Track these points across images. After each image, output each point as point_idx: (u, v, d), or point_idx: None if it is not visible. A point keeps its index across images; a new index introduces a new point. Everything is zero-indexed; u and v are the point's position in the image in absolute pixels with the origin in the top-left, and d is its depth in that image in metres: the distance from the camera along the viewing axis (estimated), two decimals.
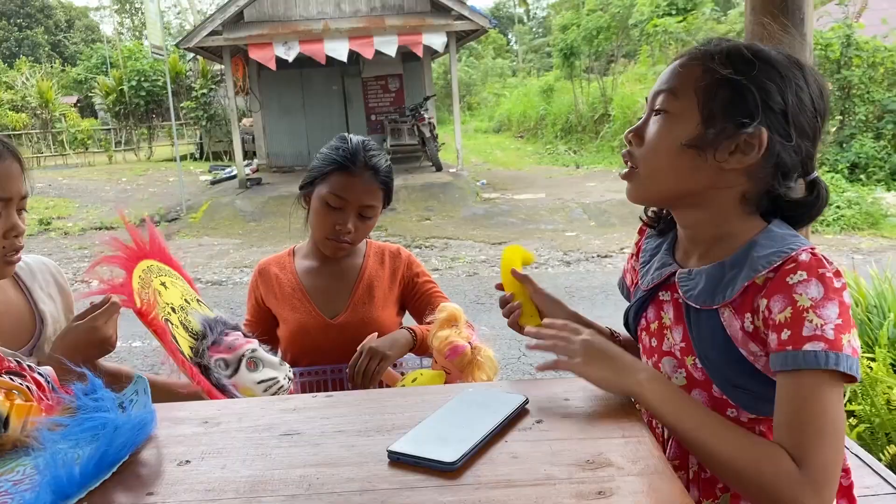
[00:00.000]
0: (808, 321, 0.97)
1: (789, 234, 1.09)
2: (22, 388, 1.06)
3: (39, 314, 1.49)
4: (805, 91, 1.07)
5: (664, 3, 16.89)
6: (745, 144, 1.06)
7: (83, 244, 10.24)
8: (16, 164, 1.33)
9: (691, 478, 1.17)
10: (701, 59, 1.10)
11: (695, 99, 1.08)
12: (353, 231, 1.79)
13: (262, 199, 12.02)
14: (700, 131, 1.07)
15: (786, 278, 1.01)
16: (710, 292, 1.10)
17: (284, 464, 0.94)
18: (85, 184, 15.85)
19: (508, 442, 0.96)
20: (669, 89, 1.11)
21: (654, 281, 1.22)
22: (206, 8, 45.14)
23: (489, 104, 28.58)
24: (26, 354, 1.39)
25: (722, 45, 1.10)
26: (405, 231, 9.85)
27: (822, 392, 0.96)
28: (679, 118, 1.09)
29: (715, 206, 1.12)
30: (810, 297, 0.98)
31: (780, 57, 1.09)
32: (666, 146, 1.10)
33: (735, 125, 1.05)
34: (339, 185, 1.77)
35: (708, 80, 1.07)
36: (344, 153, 1.79)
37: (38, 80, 23.44)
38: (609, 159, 15.46)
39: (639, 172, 1.15)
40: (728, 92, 1.06)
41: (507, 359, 4.76)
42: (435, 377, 1.61)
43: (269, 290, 1.92)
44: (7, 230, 1.32)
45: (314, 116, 15.43)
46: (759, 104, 1.04)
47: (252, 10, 13.23)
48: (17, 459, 0.96)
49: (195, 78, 20.16)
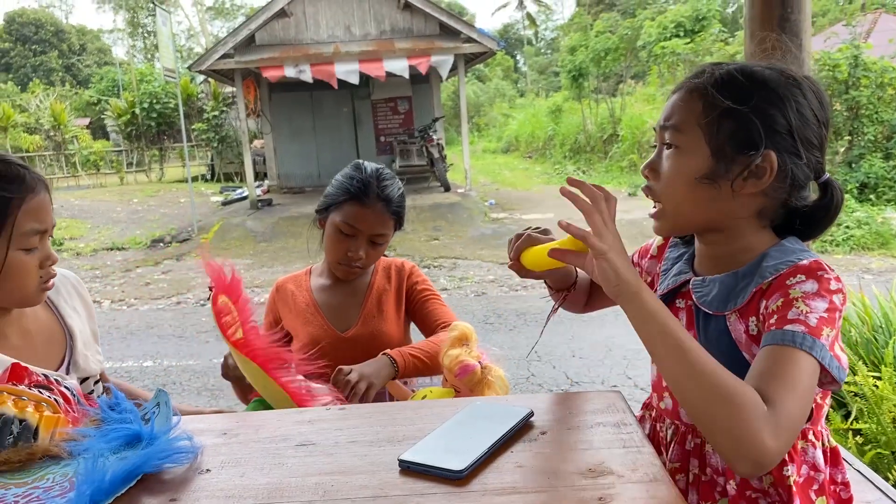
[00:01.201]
0: (795, 307, 1.03)
1: (800, 248, 1.14)
2: (50, 400, 1.11)
3: (69, 330, 1.53)
4: (805, 105, 1.11)
5: (671, 25, 17.02)
6: (756, 169, 1.09)
7: (94, 265, 10.34)
8: (48, 195, 1.38)
9: (691, 481, 1.21)
10: (699, 91, 1.13)
11: (700, 133, 1.12)
12: (364, 257, 1.86)
13: (273, 220, 12.12)
14: (711, 164, 1.11)
15: (785, 280, 1.07)
16: (723, 299, 1.15)
17: (300, 472, 0.98)
18: (97, 205, 16.01)
19: (514, 452, 1.01)
20: (674, 126, 1.15)
21: (669, 286, 1.27)
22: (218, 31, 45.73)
23: (498, 124, 28.74)
24: (64, 372, 1.45)
25: (717, 74, 1.13)
26: (414, 251, 9.90)
27: (796, 363, 0.98)
28: (689, 153, 1.13)
29: (734, 227, 1.17)
30: (803, 290, 1.05)
31: (774, 76, 1.12)
32: (682, 181, 1.14)
33: (744, 153, 1.09)
34: (352, 215, 1.83)
35: (709, 113, 1.11)
36: (358, 184, 1.84)
37: (51, 102, 23.75)
38: (618, 179, 15.52)
39: (665, 210, 1.19)
40: (731, 123, 1.10)
41: (516, 378, 4.80)
42: (444, 395, 1.63)
43: (284, 305, 1.98)
44: (43, 260, 1.37)
45: (324, 138, 15.58)
46: (762, 130, 1.08)
47: (263, 34, 13.42)
48: (48, 468, 1.01)
49: (207, 100, 20.39)
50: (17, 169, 1.34)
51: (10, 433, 1.03)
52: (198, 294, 8.17)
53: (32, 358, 1.39)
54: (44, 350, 1.46)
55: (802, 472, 1.15)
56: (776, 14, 1.99)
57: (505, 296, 7.31)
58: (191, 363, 5.50)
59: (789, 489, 1.12)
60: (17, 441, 1.03)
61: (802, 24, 1.98)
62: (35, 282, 1.37)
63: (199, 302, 7.76)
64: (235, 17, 48.07)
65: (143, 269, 10.00)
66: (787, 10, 1.98)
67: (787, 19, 1.97)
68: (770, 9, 2.01)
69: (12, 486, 0.97)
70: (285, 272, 2.00)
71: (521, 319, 6.26)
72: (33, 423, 1.05)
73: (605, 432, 1.06)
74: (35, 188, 1.35)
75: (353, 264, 1.86)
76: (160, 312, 7.48)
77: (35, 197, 1.34)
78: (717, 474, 1.19)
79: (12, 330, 1.41)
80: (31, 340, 1.44)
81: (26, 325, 1.44)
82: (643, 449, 1.00)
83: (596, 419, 1.11)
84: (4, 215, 1.30)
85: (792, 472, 1.13)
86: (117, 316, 7.29)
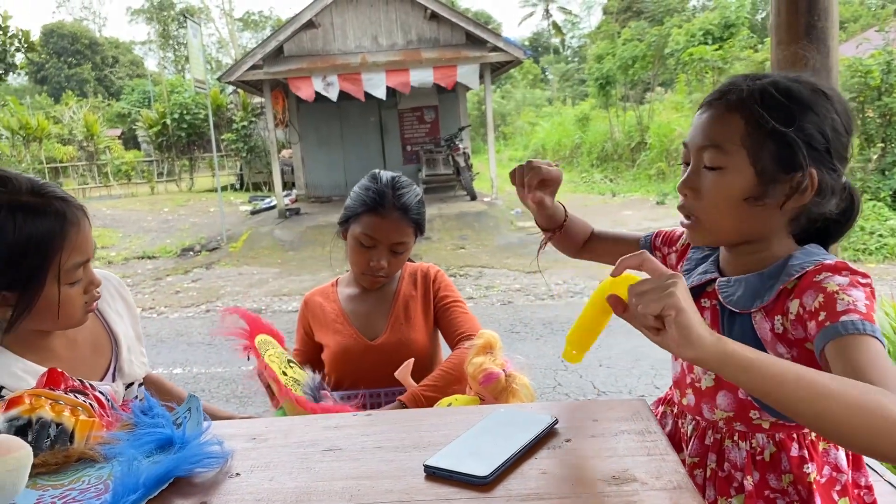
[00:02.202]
0: (840, 299, 1.03)
1: (823, 252, 1.16)
2: (85, 404, 1.14)
3: (114, 336, 1.54)
4: (837, 120, 1.12)
5: (699, 32, 16.91)
6: (798, 187, 1.11)
7: (126, 273, 10.50)
8: (87, 222, 1.37)
9: (708, 476, 1.22)
10: (738, 108, 1.13)
11: (744, 153, 1.12)
12: (386, 266, 1.88)
13: (301, 229, 12.22)
14: (756, 184, 1.12)
15: (812, 278, 1.08)
16: (749, 298, 1.16)
17: (328, 477, 1.00)
18: (128, 214, 16.28)
19: (538, 458, 1.02)
20: (716, 145, 1.14)
21: (693, 283, 1.27)
22: (247, 43, 46.29)
23: (524, 133, 28.72)
24: (110, 380, 1.47)
25: (754, 89, 1.13)
26: (440, 259, 9.93)
27: (870, 346, 0.95)
28: (732, 173, 1.13)
29: (767, 237, 1.19)
30: (837, 283, 1.05)
31: (808, 93, 1.12)
32: (727, 202, 1.15)
33: (788, 174, 1.11)
34: (370, 226, 1.85)
35: (753, 133, 1.11)
36: (373, 195, 1.86)
37: (84, 114, 24.20)
38: (646, 187, 15.43)
39: (701, 223, 1.20)
40: (775, 144, 1.10)
41: (542, 387, 4.78)
42: (469, 403, 1.64)
43: (314, 317, 2.01)
44: (87, 285, 1.39)
45: (351, 147, 15.70)
46: (805, 151, 1.09)
47: (292, 45, 13.57)
48: (83, 470, 1.04)
49: (236, 111, 20.64)
50: (57, 204, 1.31)
51: (47, 436, 1.06)
52: (226, 302, 8.27)
53: (80, 368, 1.40)
54: (91, 360, 1.48)
55: (825, 472, 1.15)
56: (803, 21, 1.98)
57: (531, 305, 7.29)
58: (219, 371, 5.56)
59: (809, 487, 1.12)
60: (54, 444, 1.06)
61: (830, 30, 1.97)
62: (81, 308, 1.39)
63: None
64: (264, 28, 48.67)
65: (173, 277, 10.14)
66: (814, 17, 1.97)
67: (813, 26, 1.96)
68: (797, 16, 2.00)
69: (49, 488, 1.00)
70: (313, 280, 2.04)
71: (548, 328, 6.24)
72: (69, 427, 1.08)
73: (629, 440, 1.06)
74: (76, 222, 1.33)
75: (376, 274, 1.88)
76: (190, 320, 7.57)
77: (77, 232, 1.33)
78: (735, 469, 1.20)
79: (60, 342, 1.43)
80: (78, 351, 1.46)
81: (73, 336, 1.46)
82: (667, 457, 1.00)
83: (620, 427, 1.11)
84: (49, 256, 1.28)
85: (812, 470, 1.13)
86: (148, 324, 7.39)
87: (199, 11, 46.95)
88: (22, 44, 9.59)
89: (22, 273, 1.27)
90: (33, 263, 1.27)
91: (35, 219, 1.27)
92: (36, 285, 1.29)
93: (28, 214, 1.26)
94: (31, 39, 9.79)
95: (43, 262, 1.28)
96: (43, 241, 1.28)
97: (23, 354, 1.35)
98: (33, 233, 1.26)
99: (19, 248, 1.26)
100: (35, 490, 0.99)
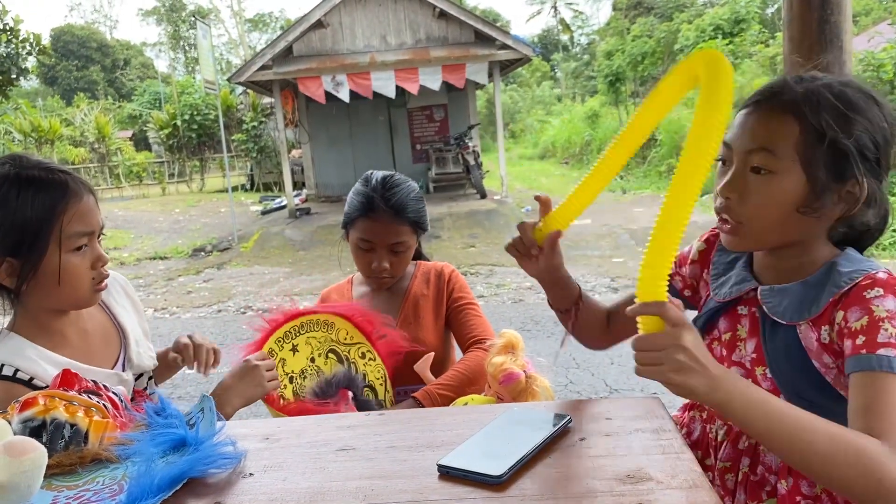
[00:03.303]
0: (884, 329, 1.02)
1: (864, 258, 1.15)
2: (99, 405, 1.14)
3: (121, 328, 1.57)
4: (887, 129, 1.10)
5: (709, 27, 16.84)
6: (847, 196, 1.10)
7: (138, 274, 10.55)
8: (92, 198, 1.42)
9: (739, 480, 1.20)
10: (793, 111, 1.09)
11: (797, 159, 1.08)
12: (388, 267, 1.86)
13: (311, 229, 12.25)
14: (807, 191, 1.09)
15: (863, 293, 1.06)
16: (796, 309, 1.14)
17: (341, 476, 1.00)
18: (139, 215, 16.36)
19: (552, 457, 1.01)
20: (767, 148, 1.10)
21: (731, 295, 1.25)
22: (257, 43, 46.44)
23: (533, 131, 28.69)
24: (120, 370, 1.50)
25: (809, 95, 1.09)
26: (450, 258, 9.92)
27: (893, 390, 0.99)
28: (784, 179, 1.09)
29: (808, 243, 1.17)
30: (887, 308, 1.03)
31: (860, 98, 1.10)
32: (777, 208, 1.11)
33: (839, 182, 1.09)
34: (365, 230, 1.85)
35: (808, 139, 1.07)
36: (364, 198, 1.85)
37: (95, 115, 24.34)
38: (657, 184, 15.37)
39: (745, 228, 1.15)
40: (830, 151, 1.07)
41: (554, 385, 4.74)
42: (485, 402, 1.63)
43: None
44: (94, 261, 1.42)
45: (361, 147, 15.71)
46: (858, 160, 1.07)
47: (301, 45, 13.59)
48: (97, 471, 1.04)
49: (246, 111, 20.71)
50: (59, 175, 1.37)
51: (61, 437, 1.06)
52: (238, 302, 8.29)
53: (91, 357, 1.44)
54: (101, 349, 1.50)
55: None
56: (815, 16, 1.96)
57: (542, 303, 7.24)
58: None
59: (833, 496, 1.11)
60: (69, 445, 1.07)
61: (843, 25, 1.95)
62: (88, 282, 1.41)
63: (239, 310, 7.87)
64: (274, 29, 48.79)
65: (184, 277, 10.18)
66: (827, 11, 1.95)
67: (826, 21, 1.94)
68: (809, 11, 1.99)
69: (64, 489, 1.00)
70: (324, 280, 2.05)
71: (559, 326, 6.17)
72: (83, 428, 1.08)
73: (643, 438, 1.05)
74: (78, 192, 1.38)
75: (380, 275, 1.88)
76: (201, 320, 7.60)
77: (79, 201, 1.38)
78: (769, 472, 1.18)
79: (72, 331, 1.45)
80: (89, 340, 1.48)
81: (83, 326, 1.49)
82: (682, 455, 0.99)
83: (635, 425, 1.11)
84: (51, 221, 1.34)
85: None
86: (160, 324, 7.42)
87: (210, 13, 47.15)
88: (34, 48, 9.64)
89: (26, 238, 1.33)
90: (35, 228, 1.33)
91: (39, 187, 1.34)
92: (38, 250, 1.33)
93: (31, 183, 1.34)
94: (43, 43, 9.82)
95: (44, 225, 1.34)
96: (45, 206, 1.34)
97: (34, 340, 1.38)
98: (36, 200, 1.33)
99: (22, 215, 1.32)
100: (50, 491, 0.99)
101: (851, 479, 0.94)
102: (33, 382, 1.31)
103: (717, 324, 1.28)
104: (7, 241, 1.32)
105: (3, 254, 1.32)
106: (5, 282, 1.35)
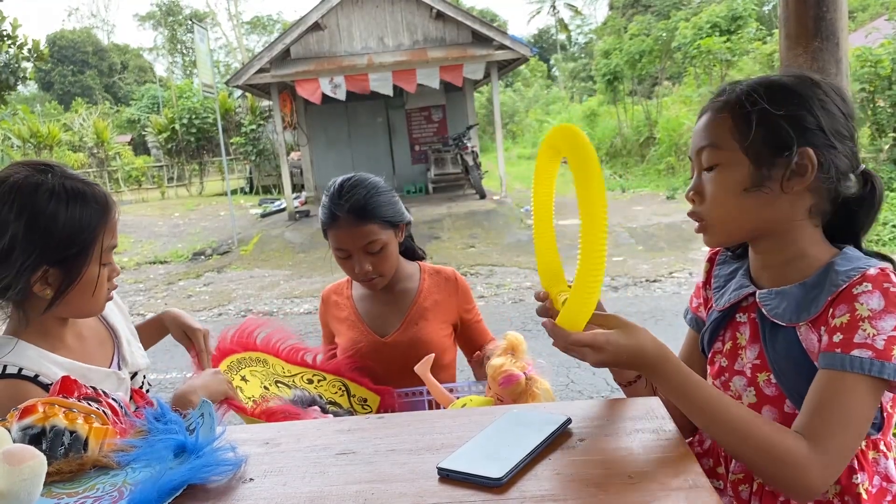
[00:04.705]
0: (862, 329, 1.04)
1: (863, 256, 1.15)
2: (99, 412, 1.14)
3: (112, 329, 1.61)
4: (828, 101, 1.14)
5: (707, 25, 16.82)
6: (798, 167, 1.12)
7: (138, 278, 10.55)
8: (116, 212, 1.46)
9: (754, 490, 1.20)
10: (727, 107, 1.17)
11: (736, 145, 1.15)
12: (371, 268, 1.85)
13: (311, 231, 12.25)
14: (753, 172, 1.14)
15: (853, 288, 1.08)
16: (794, 310, 1.15)
17: (341, 480, 1.00)
18: (139, 219, 16.36)
19: (552, 459, 1.01)
20: (710, 144, 1.18)
21: (731, 300, 1.26)
22: (254, 46, 46.45)
23: (532, 130, 28.68)
24: (116, 369, 1.53)
25: (738, 90, 1.17)
26: (450, 259, 9.92)
27: (857, 392, 1.03)
28: (730, 167, 1.16)
29: (787, 230, 1.18)
30: (870, 307, 1.05)
31: (793, 80, 1.17)
32: (729, 196, 1.17)
33: (781, 155, 1.12)
34: (335, 239, 1.86)
35: (740, 125, 1.15)
36: (325, 209, 1.86)
37: (94, 120, 24.33)
38: (656, 182, 15.38)
39: (711, 224, 1.21)
40: (763, 129, 1.13)
41: (555, 385, 4.75)
42: (484, 404, 1.62)
43: (329, 312, 2.05)
44: (111, 272, 1.46)
45: (360, 148, 15.72)
46: (792, 130, 1.11)
47: (298, 48, 13.60)
48: (97, 478, 1.04)
49: (244, 114, 20.73)
50: (98, 189, 1.42)
51: (61, 444, 1.06)
52: (238, 305, 8.29)
53: (89, 357, 1.48)
54: (97, 350, 1.53)
55: (875, 482, 1.13)
56: (811, 13, 1.97)
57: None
58: None
59: (858, 498, 1.10)
60: (68, 452, 1.06)
61: (838, 22, 1.95)
62: (105, 294, 1.45)
63: (239, 313, 7.88)
64: (271, 32, 48.78)
65: (185, 281, 10.18)
66: (823, 8, 1.95)
67: (822, 18, 1.94)
68: (805, 8, 1.99)
69: (64, 496, 1.00)
70: (324, 282, 2.06)
71: None
72: (83, 435, 1.08)
73: (644, 439, 1.05)
74: (113, 207, 1.43)
75: (367, 279, 1.87)
76: (202, 324, 7.59)
77: (113, 215, 1.43)
78: None
79: (70, 335, 1.48)
80: (85, 343, 1.52)
81: (79, 330, 1.52)
82: (684, 457, 0.99)
83: (635, 426, 1.10)
84: (94, 234, 1.38)
85: (862, 480, 1.11)
86: None
87: (207, 16, 47.15)
88: (32, 54, 9.63)
89: (72, 250, 1.35)
90: (83, 241, 1.36)
91: (85, 200, 1.37)
92: (83, 263, 1.37)
93: (77, 196, 1.36)
94: (41, 48, 9.81)
95: (91, 239, 1.37)
96: (91, 220, 1.37)
97: (37, 345, 1.40)
98: (84, 213, 1.36)
99: (70, 227, 1.34)
100: (50, 498, 0.99)
101: (764, 467, 1.05)
102: (39, 379, 1.33)
103: (720, 336, 1.29)
104: (50, 252, 1.34)
105: (43, 263, 1.34)
106: (39, 291, 1.36)
